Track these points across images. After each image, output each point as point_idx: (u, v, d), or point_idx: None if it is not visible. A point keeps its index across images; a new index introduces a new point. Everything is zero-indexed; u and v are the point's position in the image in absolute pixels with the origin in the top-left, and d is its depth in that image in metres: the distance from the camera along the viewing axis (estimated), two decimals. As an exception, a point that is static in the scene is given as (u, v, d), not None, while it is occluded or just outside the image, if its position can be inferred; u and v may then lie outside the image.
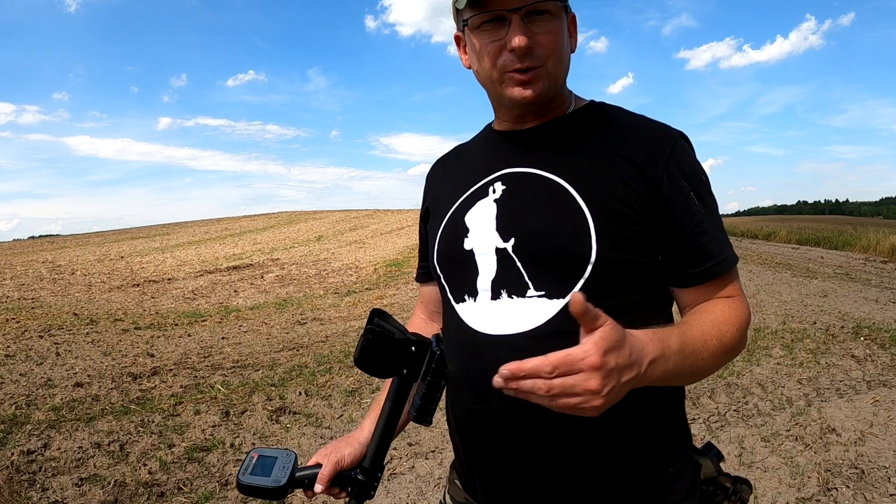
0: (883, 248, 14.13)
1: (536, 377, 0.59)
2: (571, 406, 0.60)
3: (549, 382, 0.59)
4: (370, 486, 0.94)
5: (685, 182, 0.84)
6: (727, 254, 0.85)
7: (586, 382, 0.59)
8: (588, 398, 0.60)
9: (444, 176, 1.05)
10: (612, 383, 0.61)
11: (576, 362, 0.59)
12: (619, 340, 0.62)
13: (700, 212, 0.83)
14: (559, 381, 0.59)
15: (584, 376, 0.59)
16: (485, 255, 0.87)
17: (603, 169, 0.84)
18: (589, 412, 0.61)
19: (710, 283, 0.84)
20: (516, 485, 0.86)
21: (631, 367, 0.63)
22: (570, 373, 0.59)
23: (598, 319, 0.61)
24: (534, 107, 0.90)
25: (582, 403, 0.60)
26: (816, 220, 49.82)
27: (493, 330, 0.84)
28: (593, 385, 0.59)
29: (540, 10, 0.83)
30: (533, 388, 0.59)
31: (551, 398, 0.60)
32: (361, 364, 0.86)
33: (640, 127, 0.89)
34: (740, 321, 0.82)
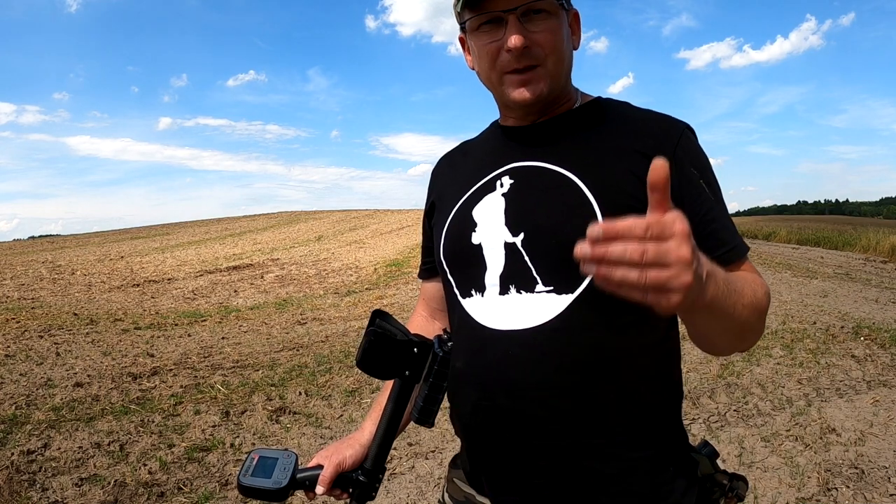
0: (883, 248, 14.13)
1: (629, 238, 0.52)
2: (663, 280, 0.52)
3: (643, 247, 0.51)
4: (371, 487, 0.94)
5: (693, 170, 0.84)
6: (738, 242, 0.84)
7: (679, 249, 0.52)
8: (679, 271, 0.52)
9: (450, 171, 1.05)
10: (696, 261, 0.54)
11: (668, 225, 0.52)
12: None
13: (710, 199, 0.83)
14: (653, 245, 0.51)
15: (677, 242, 0.52)
16: (493, 249, 0.87)
17: (611, 162, 0.84)
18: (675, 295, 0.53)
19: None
20: (521, 482, 0.86)
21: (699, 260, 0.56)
22: (663, 237, 0.52)
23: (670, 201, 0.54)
24: (536, 107, 0.90)
25: (672, 279, 0.52)
26: (816, 220, 49.81)
27: (500, 325, 0.84)
28: (685, 253, 0.52)
29: (537, 8, 0.83)
30: (625, 253, 0.51)
31: (643, 269, 0.52)
32: (363, 366, 0.86)
33: (646, 119, 0.89)
34: (765, 287, 0.80)
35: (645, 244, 0.52)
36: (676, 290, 0.53)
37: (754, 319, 0.75)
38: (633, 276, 0.52)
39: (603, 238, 0.52)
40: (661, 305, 0.54)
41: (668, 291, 0.53)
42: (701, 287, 0.57)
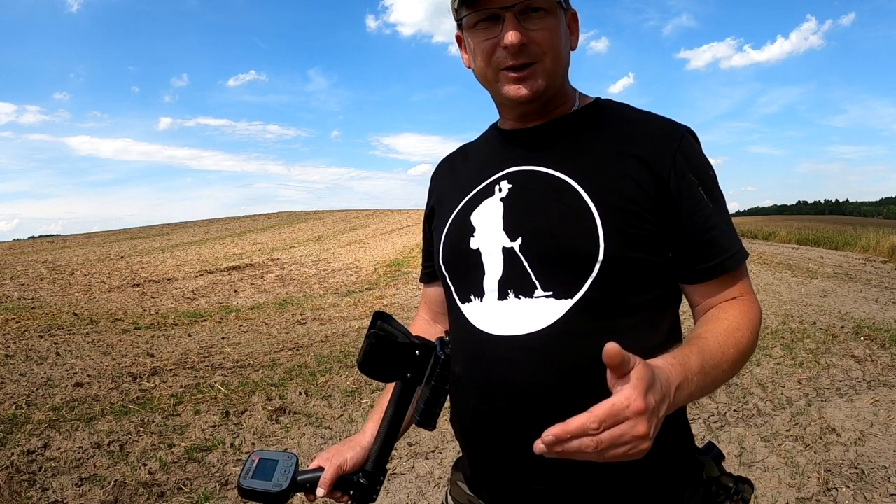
0: (883, 248, 14.12)
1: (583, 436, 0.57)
2: (620, 455, 0.59)
3: (597, 438, 0.57)
4: (372, 489, 0.94)
5: (693, 177, 0.83)
6: (737, 248, 0.84)
7: (634, 429, 0.58)
8: (636, 444, 0.59)
9: (450, 175, 1.05)
10: (654, 423, 0.60)
11: (621, 411, 0.57)
12: (652, 378, 0.61)
13: (709, 206, 0.83)
14: (607, 434, 0.57)
15: (631, 423, 0.58)
16: (491, 254, 0.87)
17: (610, 166, 0.84)
18: (636, 457, 0.60)
19: (720, 278, 0.83)
20: (521, 487, 0.86)
21: (663, 400, 0.63)
22: (617, 423, 0.58)
23: (629, 363, 0.59)
24: (533, 105, 0.89)
25: (630, 450, 0.59)
26: (816, 220, 49.81)
27: (499, 331, 0.83)
28: (641, 430, 0.58)
29: (534, 6, 0.83)
30: (580, 448, 0.58)
31: (599, 454, 0.58)
32: (365, 368, 0.85)
33: (646, 123, 0.88)
34: (753, 324, 0.82)
35: (599, 436, 0.57)
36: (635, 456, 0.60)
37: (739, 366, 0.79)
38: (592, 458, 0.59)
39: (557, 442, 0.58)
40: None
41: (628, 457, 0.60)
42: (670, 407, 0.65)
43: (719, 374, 0.75)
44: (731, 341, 0.78)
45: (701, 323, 0.83)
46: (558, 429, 0.58)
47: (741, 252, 0.84)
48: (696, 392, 0.70)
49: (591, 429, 0.57)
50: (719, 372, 0.75)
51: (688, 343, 0.77)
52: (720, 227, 0.83)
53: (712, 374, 0.73)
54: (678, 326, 0.91)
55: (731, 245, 0.84)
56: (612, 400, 0.58)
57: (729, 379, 0.80)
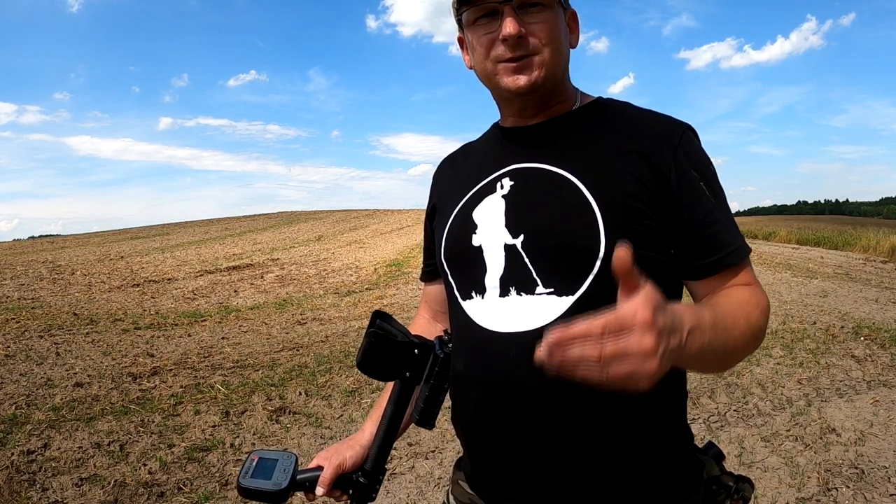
0: (883, 248, 14.12)
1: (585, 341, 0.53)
2: (625, 374, 0.53)
3: (600, 347, 0.52)
4: (372, 488, 0.94)
5: (694, 172, 0.83)
6: (739, 244, 0.84)
7: (641, 342, 0.52)
8: (643, 361, 0.53)
9: (452, 173, 1.05)
10: (664, 344, 0.54)
11: (627, 319, 0.53)
12: (661, 303, 0.56)
13: (710, 201, 0.83)
14: (611, 343, 0.52)
15: (638, 335, 0.52)
16: (493, 251, 0.87)
17: (611, 163, 0.84)
18: (643, 381, 0.54)
19: (722, 273, 0.83)
20: (522, 484, 0.86)
21: (675, 331, 0.57)
22: (622, 332, 0.53)
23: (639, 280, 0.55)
24: (531, 98, 0.89)
25: (636, 369, 0.53)
26: (816, 220, 49.84)
27: (501, 327, 0.83)
28: (648, 344, 0.52)
29: (532, 2, 0.84)
30: (583, 356, 0.53)
31: (602, 367, 0.53)
32: (364, 367, 0.85)
33: (647, 120, 0.88)
34: (762, 305, 0.80)
35: (602, 344, 0.52)
36: (642, 379, 0.54)
37: (749, 345, 0.76)
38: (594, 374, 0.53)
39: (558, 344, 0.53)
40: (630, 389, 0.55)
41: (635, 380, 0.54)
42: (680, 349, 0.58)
43: (730, 340, 0.71)
44: (742, 313, 0.75)
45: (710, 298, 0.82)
46: (560, 331, 0.53)
47: (743, 247, 0.84)
48: (707, 347, 0.64)
49: (595, 333, 0.52)
50: (730, 337, 0.71)
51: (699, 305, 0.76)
52: (721, 222, 0.83)
53: (723, 337, 0.69)
54: None
55: (732, 240, 0.83)
56: (618, 309, 0.54)
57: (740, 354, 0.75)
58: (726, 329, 0.70)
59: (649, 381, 0.54)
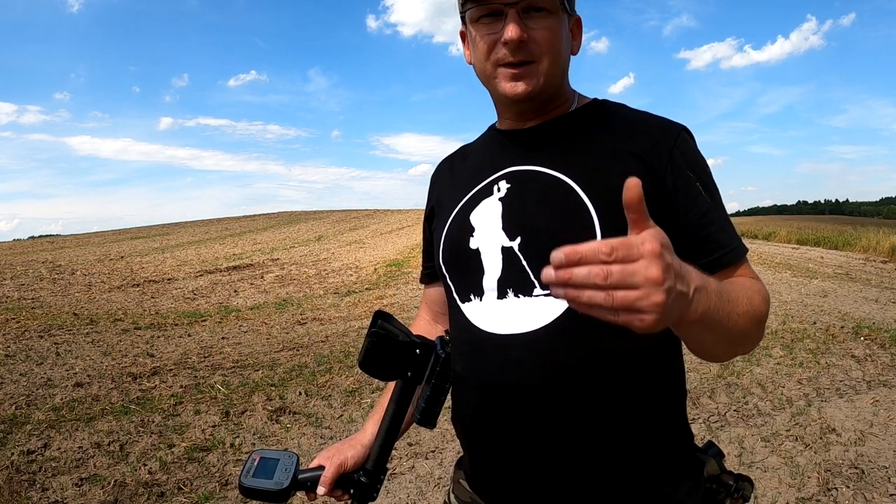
0: (883, 248, 14.13)
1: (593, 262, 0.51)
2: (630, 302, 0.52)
3: (607, 268, 0.51)
4: (373, 488, 0.94)
5: (690, 172, 0.83)
6: (736, 244, 0.84)
7: (647, 269, 0.51)
8: (649, 291, 0.51)
9: (449, 176, 1.05)
10: (670, 281, 0.53)
11: (635, 246, 0.52)
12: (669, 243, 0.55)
13: (706, 201, 0.83)
14: (618, 267, 0.51)
15: (645, 263, 0.51)
16: (490, 254, 0.87)
17: (607, 165, 0.85)
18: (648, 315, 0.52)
19: (720, 272, 0.83)
20: (522, 485, 0.86)
21: (682, 278, 0.56)
22: (629, 259, 0.52)
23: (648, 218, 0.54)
24: (529, 104, 0.90)
25: (642, 299, 0.52)
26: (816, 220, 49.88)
27: (499, 329, 0.84)
28: (654, 273, 0.51)
29: (538, 6, 0.84)
30: (588, 276, 0.51)
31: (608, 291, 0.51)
32: (366, 367, 0.86)
33: (642, 122, 0.89)
34: (763, 293, 0.79)
35: (609, 266, 0.51)
36: (648, 311, 0.52)
37: (751, 327, 0.74)
38: (599, 297, 0.52)
39: (566, 263, 0.52)
40: (635, 326, 0.53)
41: (640, 312, 0.52)
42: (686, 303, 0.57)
43: (732, 317, 0.69)
44: (744, 294, 0.74)
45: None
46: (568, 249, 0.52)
47: (740, 248, 0.84)
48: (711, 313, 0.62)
49: (603, 253, 0.51)
50: (733, 313, 0.69)
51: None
52: (718, 222, 0.83)
53: (727, 309, 0.67)
54: None
55: (729, 241, 0.83)
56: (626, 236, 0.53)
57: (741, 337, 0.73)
58: (730, 301, 0.68)
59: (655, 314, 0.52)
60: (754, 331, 0.76)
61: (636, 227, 0.54)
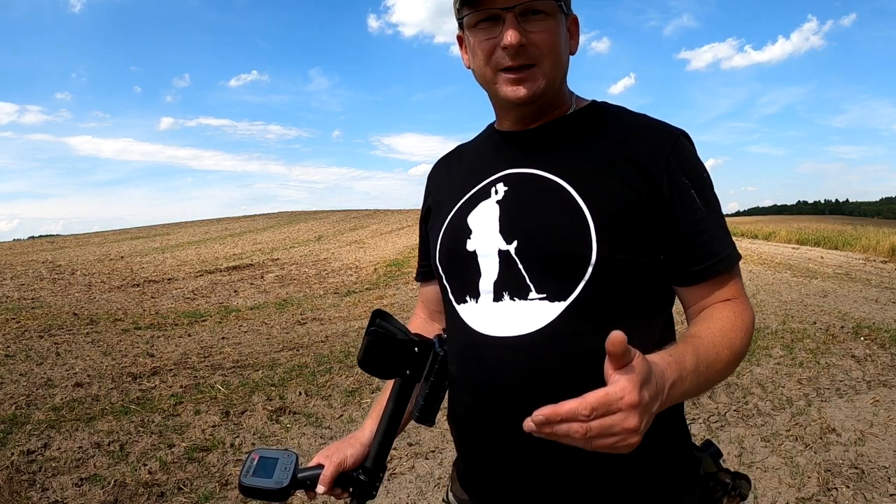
0: (883, 248, 14.13)
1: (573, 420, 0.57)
2: (608, 446, 0.59)
3: (586, 425, 0.57)
4: (372, 486, 0.94)
5: (686, 180, 0.84)
6: (728, 252, 0.84)
7: (625, 422, 0.57)
8: (625, 437, 0.58)
9: (446, 176, 1.05)
10: (646, 417, 0.60)
11: (614, 402, 0.57)
12: (648, 373, 0.61)
13: (701, 209, 0.83)
14: (597, 422, 0.57)
15: (623, 416, 0.57)
16: (487, 256, 0.87)
17: (604, 170, 0.85)
18: (624, 450, 0.59)
19: (711, 280, 0.84)
20: (512, 486, 0.86)
21: (657, 396, 0.62)
22: (609, 413, 0.57)
23: (630, 355, 0.59)
24: (530, 108, 0.90)
25: (619, 442, 0.58)
26: (816, 220, 49.86)
27: (494, 332, 0.84)
28: (632, 423, 0.57)
29: (535, 9, 0.84)
30: (569, 432, 0.57)
31: (587, 442, 0.58)
32: (365, 365, 0.86)
33: (640, 126, 0.89)
34: (746, 326, 0.82)
35: (589, 423, 0.57)
36: (623, 449, 0.59)
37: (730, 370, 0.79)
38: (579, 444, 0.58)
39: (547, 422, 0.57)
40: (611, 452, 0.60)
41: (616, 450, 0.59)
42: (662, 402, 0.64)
43: (712, 375, 0.75)
44: (726, 342, 0.78)
45: (695, 323, 0.83)
46: (549, 410, 0.57)
47: (733, 255, 0.85)
48: (689, 391, 0.70)
49: (582, 415, 0.56)
50: (713, 372, 0.75)
51: (683, 341, 0.77)
52: (712, 230, 0.84)
53: (706, 374, 0.73)
54: (672, 327, 0.91)
55: (722, 248, 0.84)
56: (607, 389, 0.57)
57: (721, 380, 0.80)
58: (708, 367, 0.74)
59: (628, 450, 0.59)
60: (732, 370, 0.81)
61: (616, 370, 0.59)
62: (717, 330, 0.79)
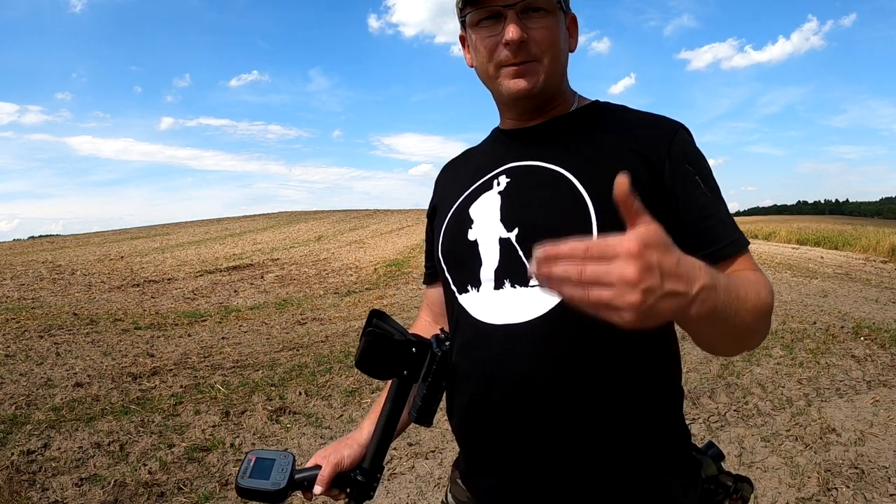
0: (883, 248, 14.13)
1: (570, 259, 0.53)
2: (606, 300, 0.52)
3: (581, 266, 0.52)
4: (369, 486, 0.94)
5: (689, 166, 0.84)
6: (736, 237, 0.83)
7: (621, 269, 0.51)
8: (622, 291, 0.52)
9: (453, 177, 1.07)
10: (651, 281, 0.53)
11: (611, 245, 0.52)
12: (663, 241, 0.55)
13: (705, 195, 0.83)
14: (592, 266, 0.52)
15: (621, 263, 0.52)
16: (488, 245, 0.88)
17: (606, 159, 0.86)
18: (625, 313, 0.53)
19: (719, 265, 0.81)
20: (514, 477, 0.86)
21: (678, 278, 0.55)
22: (604, 257, 0.52)
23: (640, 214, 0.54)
24: (531, 102, 0.91)
25: (616, 298, 0.52)
26: (816, 220, 49.86)
27: (495, 319, 0.85)
28: (629, 274, 0.51)
29: (535, 6, 0.86)
30: (565, 274, 0.52)
31: (584, 287, 0.53)
32: (362, 366, 0.86)
33: (642, 120, 0.90)
34: (769, 286, 0.78)
35: (584, 264, 0.52)
36: (624, 309, 0.52)
37: (759, 322, 0.73)
38: (577, 294, 0.53)
39: (545, 259, 0.53)
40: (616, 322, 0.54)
41: (617, 309, 0.53)
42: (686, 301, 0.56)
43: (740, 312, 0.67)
44: (752, 288, 0.73)
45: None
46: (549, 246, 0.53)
47: (741, 240, 0.83)
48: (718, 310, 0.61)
49: (579, 252, 0.53)
50: (741, 309, 0.67)
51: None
52: (717, 216, 0.83)
53: (735, 305, 0.65)
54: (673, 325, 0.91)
55: (728, 234, 0.83)
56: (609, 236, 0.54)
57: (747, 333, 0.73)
58: (739, 298, 0.67)
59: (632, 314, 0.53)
60: (762, 325, 0.75)
61: (630, 224, 0.55)
62: (743, 277, 0.75)
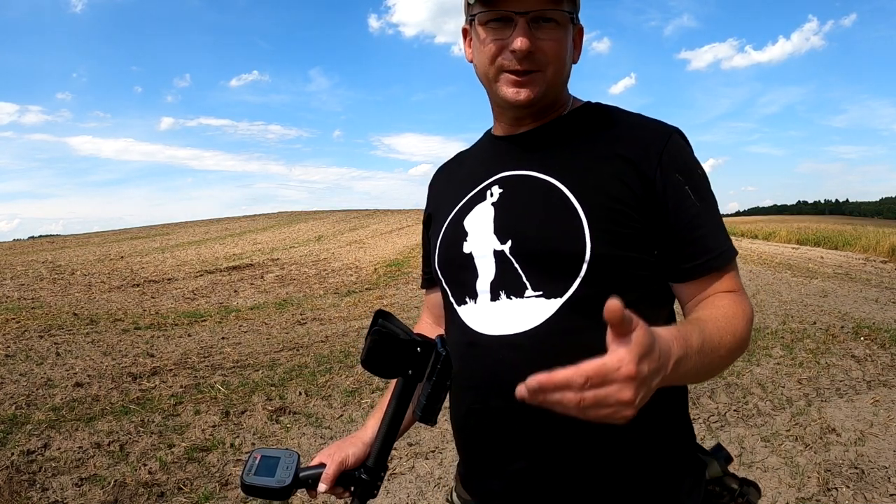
0: (883, 248, 14.15)
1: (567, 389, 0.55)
2: (601, 417, 0.57)
3: (580, 395, 0.55)
4: (374, 485, 0.94)
5: (679, 176, 0.84)
6: (724, 248, 0.84)
7: (620, 393, 0.55)
8: (619, 409, 0.56)
9: (446, 182, 1.07)
10: (643, 391, 0.57)
11: (610, 373, 0.55)
12: (651, 345, 0.58)
13: (695, 205, 0.83)
14: (591, 393, 0.55)
15: (618, 387, 0.55)
16: (483, 257, 0.89)
17: (597, 167, 0.85)
18: (618, 422, 0.58)
19: (706, 277, 0.83)
20: (512, 485, 0.86)
21: (659, 370, 0.59)
22: (604, 384, 0.55)
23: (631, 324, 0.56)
24: (527, 110, 0.91)
25: (613, 414, 0.56)
26: (816, 220, 49.91)
27: (493, 330, 0.85)
28: (627, 396, 0.55)
29: (547, 17, 0.84)
30: (562, 401, 0.55)
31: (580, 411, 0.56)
32: (368, 365, 0.86)
33: (634, 124, 0.89)
34: (747, 316, 0.81)
35: (583, 392, 0.55)
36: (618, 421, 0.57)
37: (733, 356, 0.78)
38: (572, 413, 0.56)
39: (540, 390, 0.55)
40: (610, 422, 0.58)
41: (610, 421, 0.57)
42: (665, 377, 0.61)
43: (715, 360, 0.73)
44: (729, 328, 0.76)
45: (697, 309, 0.83)
46: (544, 377, 0.55)
47: (728, 251, 0.84)
48: (691, 371, 0.67)
49: (577, 384, 0.54)
50: (716, 357, 0.73)
51: (688, 322, 0.76)
52: (707, 226, 0.83)
53: (709, 357, 0.71)
54: (673, 323, 0.91)
55: (717, 245, 0.83)
56: (604, 359, 0.55)
57: (723, 367, 0.78)
58: (713, 349, 0.72)
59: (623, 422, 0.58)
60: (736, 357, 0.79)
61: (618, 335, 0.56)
62: (720, 315, 0.78)
